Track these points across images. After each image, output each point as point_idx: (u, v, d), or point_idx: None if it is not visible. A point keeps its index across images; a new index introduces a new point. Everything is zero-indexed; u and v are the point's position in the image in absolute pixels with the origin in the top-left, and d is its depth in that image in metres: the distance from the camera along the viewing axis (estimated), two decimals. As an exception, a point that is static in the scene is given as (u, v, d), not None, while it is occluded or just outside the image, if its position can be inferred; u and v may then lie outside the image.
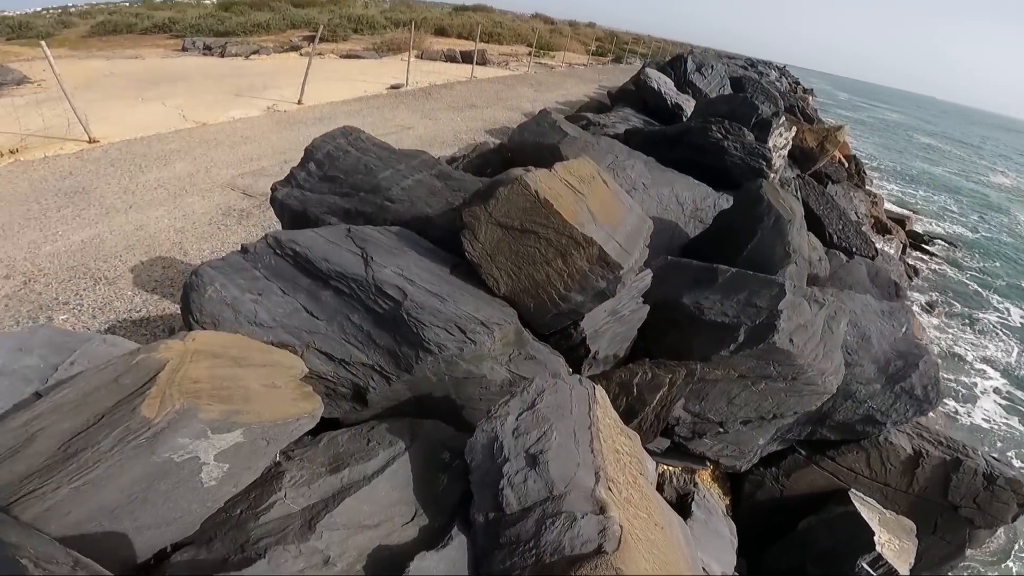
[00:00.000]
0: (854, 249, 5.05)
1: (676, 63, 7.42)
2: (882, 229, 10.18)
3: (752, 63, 26.64)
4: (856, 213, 8.95)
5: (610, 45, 30.50)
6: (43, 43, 6.22)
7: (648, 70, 6.25)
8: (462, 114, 8.96)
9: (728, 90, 7.33)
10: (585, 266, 2.10)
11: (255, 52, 16.32)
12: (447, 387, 2.22)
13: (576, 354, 2.53)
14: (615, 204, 2.59)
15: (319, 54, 16.23)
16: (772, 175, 3.73)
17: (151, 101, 8.51)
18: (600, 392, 1.96)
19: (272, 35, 22.43)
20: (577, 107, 10.78)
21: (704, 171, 3.76)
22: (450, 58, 16.68)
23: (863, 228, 7.68)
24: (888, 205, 13.22)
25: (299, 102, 8.69)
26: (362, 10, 30.52)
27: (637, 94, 6.46)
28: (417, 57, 15.54)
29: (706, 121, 3.86)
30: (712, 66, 7.57)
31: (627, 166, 3.26)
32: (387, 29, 23.75)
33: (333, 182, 2.77)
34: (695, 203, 3.42)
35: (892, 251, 9.44)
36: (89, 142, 6.11)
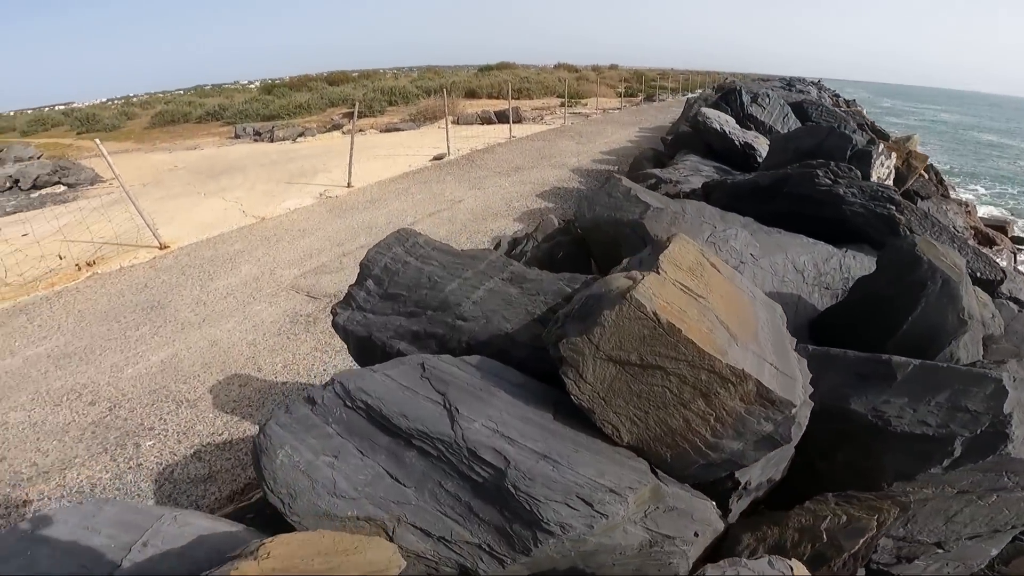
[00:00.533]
0: (978, 274, 4.31)
1: (729, 97, 7.01)
2: (984, 240, 9.10)
3: (788, 82, 25.86)
4: (954, 227, 7.98)
5: (638, 84, 30.72)
6: (98, 142, 6.45)
7: (705, 110, 5.87)
8: (509, 179, 8.87)
9: (792, 119, 6.81)
10: (739, 407, 1.64)
11: (301, 135, 17.35)
12: (573, 560, 1.78)
13: (721, 487, 2.03)
14: (739, 299, 2.15)
15: (360, 131, 17.08)
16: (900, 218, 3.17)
17: (212, 196, 8.95)
18: (799, 572, 1.45)
19: (314, 115, 23.95)
20: (624, 156, 10.51)
21: (811, 223, 3.25)
22: (485, 120, 17.09)
23: (970, 243, 6.71)
24: (981, 211, 11.94)
25: (348, 185, 8.89)
26: (393, 81, 32.45)
27: (696, 137, 6.07)
28: (454, 123, 16.01)
29: (805, 165, 3.38)
30: (768, 95, 7.09)
31: (729, 236, 2.81)
32: (419, 98, 24.94)
33: (396, 300, 2.48)
34: (817, 267, 2.90)
35: (1005, 263, 8.31)
36: (160, 248, 6.34)
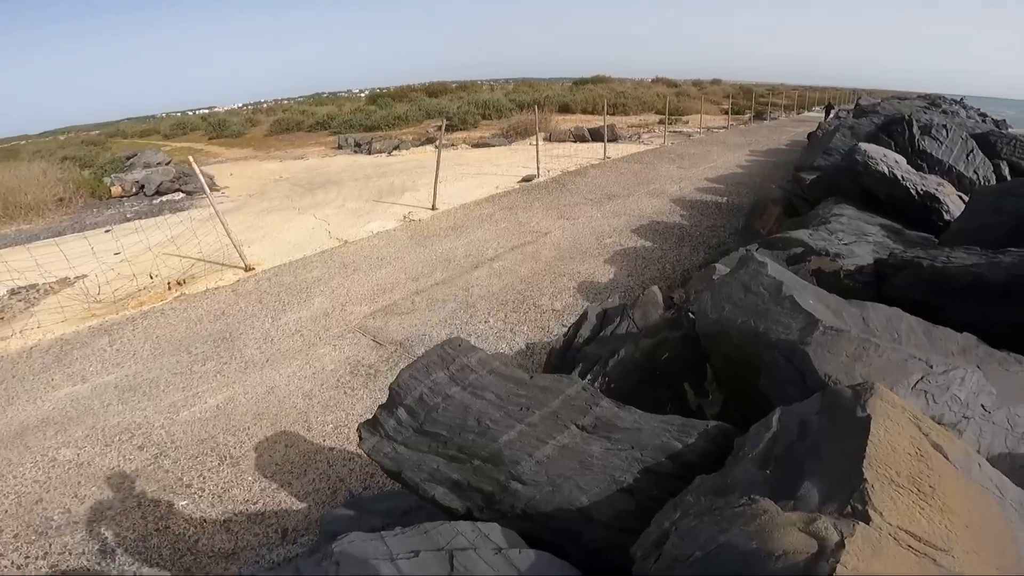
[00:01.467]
0: None
1: (893, 129, 5.66)
2: None
3: (932, 101, 22.26)
4: None
5: (745, 101, 28.34)
6: (191, 159, 6.38)
7: (866, 147, 4.67)
8: (601, 208, 8.08)
9: (979, 157, 5.36)
10: None
11: (396, 147, 17.69)
12: None
13: None
14: (986, 515, 1.38)
15: (452, 145, 17.11)
16: None
17: (305, 212, 9.06)
18: None
19: (411, 127, 24.62)
20: (734, 184, 9.27)
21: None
22: (578, 137, 16.37)
23: None
24: None
25: (433, 207, 8.59)
26: (488, 94, 32.75)
27: (845, 176, 4.91)
28: (545, 140, 15.46)
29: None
30: (944, 126, 5.66)
31: (951, 381, 1.82)
32: (512, 112, 24.77)
33: (434, 439, 1.81)
34: (1088, 423, 1.85)
35: None
36: (245, 270, 6.33)
